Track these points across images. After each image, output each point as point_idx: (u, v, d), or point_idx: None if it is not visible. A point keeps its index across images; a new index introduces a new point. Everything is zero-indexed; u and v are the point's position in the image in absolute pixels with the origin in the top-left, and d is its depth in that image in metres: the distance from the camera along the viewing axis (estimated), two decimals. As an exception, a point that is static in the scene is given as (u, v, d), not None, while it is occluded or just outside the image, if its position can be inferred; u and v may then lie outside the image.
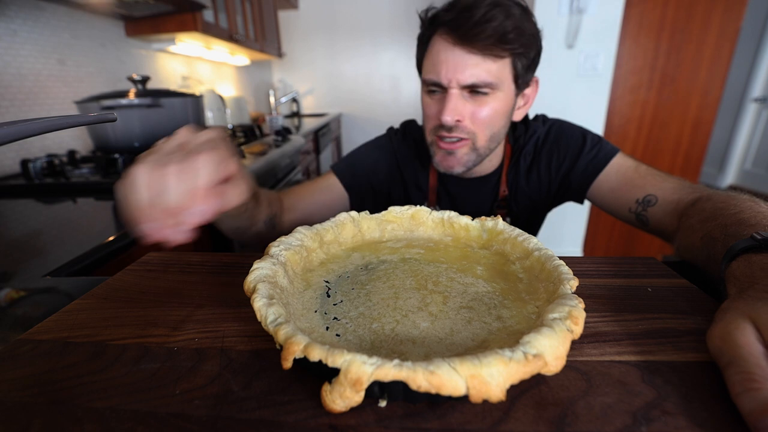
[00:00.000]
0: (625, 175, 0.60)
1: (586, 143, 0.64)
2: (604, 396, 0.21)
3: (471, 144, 0.61)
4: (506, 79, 0.58)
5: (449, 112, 0.57)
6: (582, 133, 0.66)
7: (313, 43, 3.11)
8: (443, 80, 0.57)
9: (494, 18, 0.53)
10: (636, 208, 0.57)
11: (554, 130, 0.68)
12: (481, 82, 0.56)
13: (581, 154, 0.64)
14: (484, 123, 0.59)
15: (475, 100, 0.58)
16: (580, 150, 0.64)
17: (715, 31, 1.64)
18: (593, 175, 0.63)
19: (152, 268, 0.41)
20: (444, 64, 0.56)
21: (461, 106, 0.58)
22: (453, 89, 0.57)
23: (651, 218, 0.55)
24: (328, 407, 0.19)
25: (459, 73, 0.56)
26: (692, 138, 1.80)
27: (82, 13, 1.25)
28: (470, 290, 0.30)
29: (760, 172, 3.13)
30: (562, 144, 0.66)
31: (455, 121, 0.58)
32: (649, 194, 0.55)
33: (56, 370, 0.25)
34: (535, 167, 0.68)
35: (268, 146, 1.41)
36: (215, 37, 1.64)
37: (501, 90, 0.58)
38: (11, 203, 0.82)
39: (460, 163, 0.62)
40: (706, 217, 0.41)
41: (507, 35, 0.54)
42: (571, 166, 0.65)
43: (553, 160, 0.67)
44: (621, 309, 0.30)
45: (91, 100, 0.98)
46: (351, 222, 0.40)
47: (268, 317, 0.23)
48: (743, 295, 0.26)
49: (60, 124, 0.30)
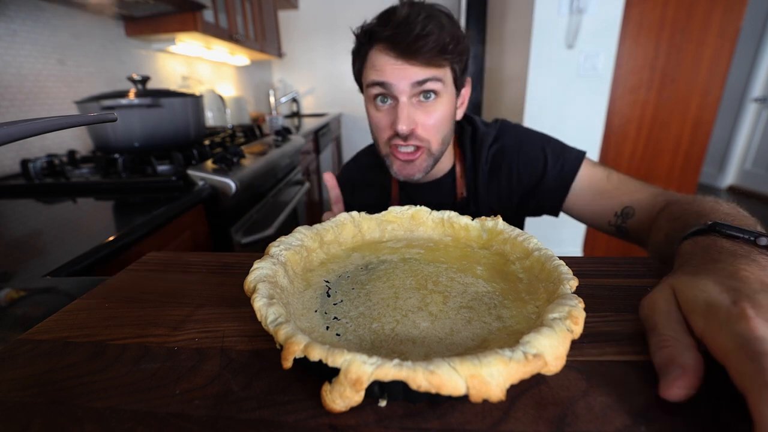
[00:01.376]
0: (597, 187, 0.60)
1: (548, 157, 0.64)
2: (604, 396, 0.21)
3: (427, 150, 0.62)
4: (448, 83, 0.60)
5: (404, 120, 0.58)
6: (542, 144, 0.65)
7: (313, 43, 3.11)
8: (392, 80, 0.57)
9: (431, 32, 0.54)
10: (615, 221, 0.58)
11: (514, 138, 0.67)
12: (431, 77, 0.57)
13: (546, 169, 0.63)
14: (434, 128, 0.60)
15: (423, 108, 0.59)
16: (544, 165, 0.64)
17: (715, 31, 1.64)
18: (564, 189, 0.62)
19: (152, 268, 0.41)
20: (389, 72, 0.57)
21: (413, 114, 0.59)
22: (403, 97, 0.57)
23: (630, 229, 0.56)
24: (328, 407, 0.19)
25: (407, 78, 0.56)
26: (692, 138, 1.80)
27: (82, 13, 1.25)
28: (470, 290, 0.30)
29: (760, 172, 3.13)
30: (522, 155, 0.66)
31: (410, 129, 0.58)
32: (627, 206, 0.56)
33: (56, 370, 0.25)
34: (496, 176, 0.68)
35: (268, 146, 1.41)
36: (215, 37, 1.64)
37: (445, 94, 0.60)
38: (11, 203, 0.82)
39: (419, 170, 0.63)
40: (672, 217, 0.43)
41: (446, 47, 0.56)
42: (538, 181, 0.64)
43: (513, 171, 0.66)
44: (621, 309, 0.30)
45: (91, 100, 0.98)
46: (351, 222, 0.40)
47: (268, 317, 0.23)
48: (678, 269, 0.28)
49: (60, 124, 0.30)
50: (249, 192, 1.10)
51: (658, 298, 0.25)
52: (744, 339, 0.19)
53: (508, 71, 2.02)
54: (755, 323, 0.19)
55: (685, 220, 0.39)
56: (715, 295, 0.22)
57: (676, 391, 0.20)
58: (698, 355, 0.21)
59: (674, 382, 0.20)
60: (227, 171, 0.99)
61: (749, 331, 0.19)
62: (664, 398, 0.20)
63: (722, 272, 0.24)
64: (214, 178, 0.95)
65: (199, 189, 0.90)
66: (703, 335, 0.22)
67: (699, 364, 0.21)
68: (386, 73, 0.57)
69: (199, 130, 1.21)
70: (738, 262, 0.25)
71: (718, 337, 0.21)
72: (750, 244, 0.28)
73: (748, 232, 0.29)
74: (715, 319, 0.21)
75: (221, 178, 0.95)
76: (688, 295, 0.24)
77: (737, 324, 0.20)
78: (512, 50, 1.91)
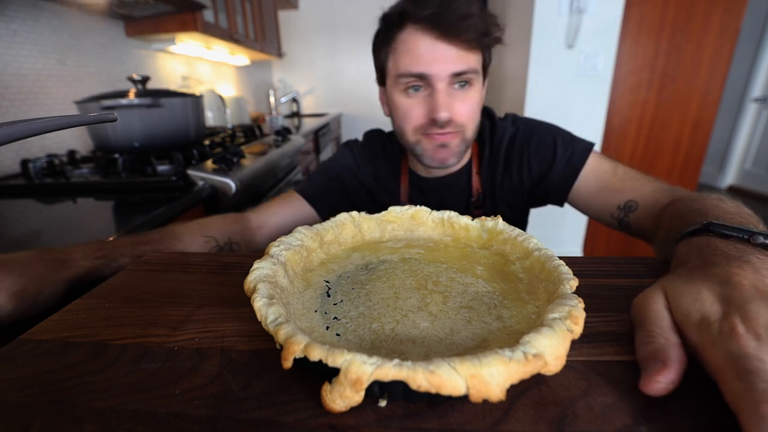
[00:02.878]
0: (603, 179, 0.60)
1: (558, 145, 0.64)
2: (604, 396, 0.21)
3: (462, 136, 0.61)
4: (480, 71, 0.59)
5: (443, 107, 0.56)
6: (553, 134, 0.65)
7: (313, 43, 3.11)
8: (431, 71, 0.55)
9: (475, 13, 0.53)
10: (618, 214, 0.57)
11: (524, 130, 0.67)
12: (470, 69, 0.56)
13: (556, 157, 0.63)
14: (470, 116, 0.60)
15: (459, 96, 0.58)
16: (553, 152, 0.64)
17: (715, 31, 1.64)
18: (572, 177, 0.62)
19: (152, 268, 0.41)
20: (428, 58, 0.55)
21: (450, 102, 0.57)
22: (441, 85, 0.56)
23: (633, 223, 0.55)
24: (328, 407, 0.19)
25: (447, 64, 0.55)
26: (692, 138, 1.80)
27: (82, 13, 1.25)
28: (470, 290, 0.30)
29: (760, 172, 3.13)
30: (533, 145, 0.65)
31: (449, 117, 0.57)
32: (630, 200, 0.56)
33: (56, 370, 0.25)
34: (508, 169, 0.67)
35: (268, 146, 1.42)
36: (215, 37, 1.64)
37: (477, 82, 0.59)
38: (11, 203, 0.82)
39: (452, 154, 0.62)
40: (675, 215, 0.43)
41: (488, 30, 0.55)
42: (548, 169, 0.64)
43: (524, 161, 0.66)
44: (621, 309, 0.30)
45: (91, 100, 0.98)
46: (351, 222, 0.40)
47: (268, 317, 0.23)
48: (672, 272, 0.28)
49: (60, 124, 0.30)
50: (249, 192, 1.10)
51: (648, 297, 0.26)
52: (734, 356, 0.19)
53: (508, 71, 2.02)
54: (744, 341, 0.19)
55: (685, 218, 0.39)
56: (707, 307, 0.22)
57: (656, 385, 0.20)
58: (681, 352, 0.22)
59: (654, 376, 0.20)
60: (227, 171, 0.99)
61: (739, 348, 0.19)
62: (645, 393, 0.21)
63: (715, 277, 0.24)
64: (214, 178, 0.95)
65: (199, 189, 0.90)
66: (696, 348, 0.22)
67: (681, 359, 0.21)
68: (424, 62, 0.55)
69: (199, 130, 1.21)
70: (731, 264, 0.25)
71: (709, 352, 0.21)
72: (744, 242, 0.28)
73: (742, 230, 0.29)
74: (706, 333, 0.21)
75: (221, 178, 0.95)
76: (681, 303, 0.24)
77: (728, 341, 0.20)
78: (512, 50, 1.91)
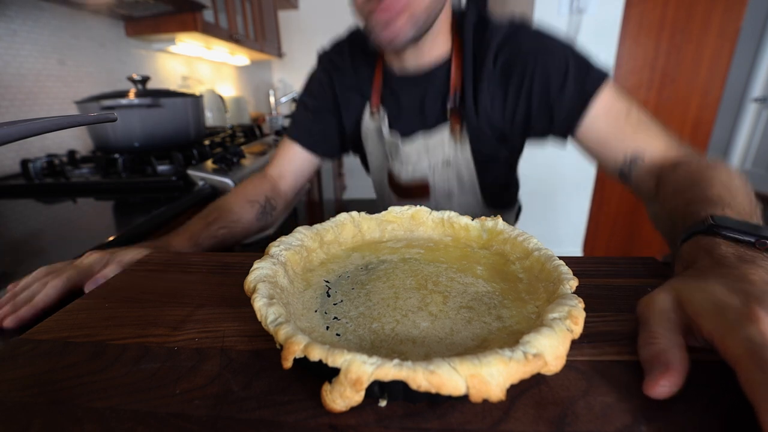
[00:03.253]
0: (615, 121, 0.54)
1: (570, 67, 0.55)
2: (604, 396, 0.21)
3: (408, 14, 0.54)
4: None
5: None
6: (565, 52, 0.57)
7: (313, 43, 3.10)
8: None
9: None
10: (622, 165, 0.55)
11: (530, 41, 0.58)
12: None
13: (566, 81, 0.55)
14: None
15: None
16: (564, 75, 0.55)
17: (715, 31, 1.64)
18: (582, 107, 0.55)
19: (152, 268, 0.41)
20: None
21: None
22: None
23: (635, 177, 0.53)
24: (328, 407, 0.19)
25: None
26: (692, 138, 1.80)
27: (82, 13, 1.25)
28: (470, 290, 0.30)
29: (760, 172, 3.13)
30: (540, 61, 0.56)
31: None
32: (638, 152, 0.53)
33: (56, 370, 0.25)
34: (503, 86, 0.59)
35: (268, 146, 1.42)
36: (215, 37, 1.64)
37: None
38: (11, 203, 0.82)
39: (399, 33, 0.55)
40: (679, 188, 0.41)
41: None
42: (554, 96, 0.56)
43: (525, 80, 0.57)
44: (621, 309, 0.30)
45: (91, 100, 0.98)
46: (351, 222, 0.40)
47: (268, 317, 0.23)
48: (683, 273, 0.28)
49: (60, 124, 0.30)
50: (249, 192, 1.09)
51: (656, 297, 0.25)
52: (754, 344, 0.19)
53: (508, 71, 2.01)
54: (765, 326, 0.19)
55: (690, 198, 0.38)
56: (724, 297, 0.22)
57: (660, 389, 0.20)
58: (685, 354, 0.21)
59: (658, 379, 0.20)
60: (227, 171, 0.99)
61: (760, 335, 0.19)
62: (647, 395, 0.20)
63: (730, 275, 0.24)
64: (214, 178, 0.95)
65: (199, 189, 0.90)
66: (711, 337, 0.21)
67: (684, 362, 0.21)
68: None
69: (199, 130, 1.21)
70: (744, 266, 0.25)
71: (728, 339, 0.20)
72: (752, 247, 0.28)
73: (749, 233, 0.28)
74: (724, 320, 0.21)
75: (221, 178, 0.95)
76: (696, 297, 0.23)
77: (748, 326, 0.19)
78: (512, 50, 1.90)
